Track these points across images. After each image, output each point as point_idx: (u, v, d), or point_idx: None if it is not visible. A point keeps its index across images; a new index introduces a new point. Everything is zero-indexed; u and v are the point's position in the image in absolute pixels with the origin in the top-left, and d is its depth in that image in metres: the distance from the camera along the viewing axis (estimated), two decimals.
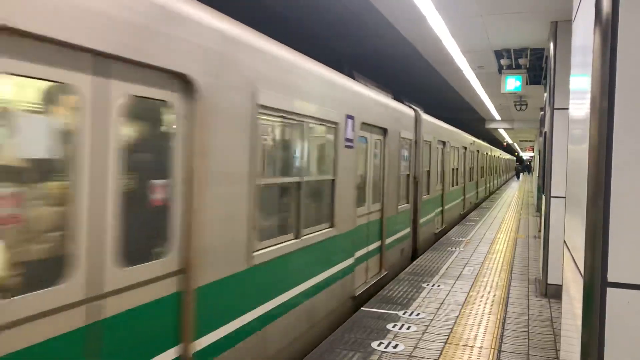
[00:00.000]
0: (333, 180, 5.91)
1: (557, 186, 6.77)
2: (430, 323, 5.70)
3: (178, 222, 3.16)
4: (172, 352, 3.12)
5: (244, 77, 3.83)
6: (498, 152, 35.94)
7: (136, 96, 2.82)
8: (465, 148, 17.38)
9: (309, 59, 5.20)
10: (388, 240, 8.28)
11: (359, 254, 6.94)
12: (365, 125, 7.10)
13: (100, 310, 2.60)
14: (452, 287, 7.34)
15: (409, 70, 13.96)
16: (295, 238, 4.95)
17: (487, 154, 26.16)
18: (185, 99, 3.21)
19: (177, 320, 3.17)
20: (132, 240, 2.81)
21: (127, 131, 2.81)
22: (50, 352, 2.33)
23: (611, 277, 1.81)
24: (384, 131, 8.04)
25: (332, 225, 5.87)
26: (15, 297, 2.18)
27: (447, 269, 8.50)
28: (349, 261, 6.49)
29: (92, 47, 2.46)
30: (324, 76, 5.51)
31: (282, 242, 4.66)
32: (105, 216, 2.62)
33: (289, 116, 4.73)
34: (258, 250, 4.15)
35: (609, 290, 1.81)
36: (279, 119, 4.63)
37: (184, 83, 3.18)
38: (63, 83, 2.39)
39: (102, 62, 2.59)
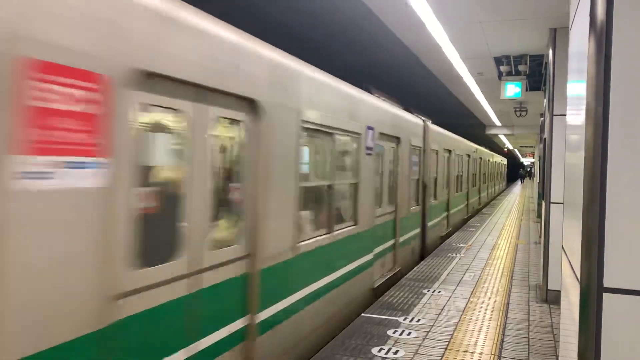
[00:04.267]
0: None
1: (556, 192, 6.78)
2: (430, 329, 5.69)
3: None
4: None
5: None
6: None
7: None
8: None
9: None
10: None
11: None
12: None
13: None
14: (452, 293, 7.33)
15: (408, 77, 14.00)
16: None
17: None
18: None
19: None
20: None
21: None
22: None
23: (607, 282, 1.82)
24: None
25: None
26: None
27: (447, 275, 8.49)
28: None
29: None
30: None
31: None
32: None
33: None
34: None
35: (605, 295, 1.82)
36: None
37: None
38: None
39: None
